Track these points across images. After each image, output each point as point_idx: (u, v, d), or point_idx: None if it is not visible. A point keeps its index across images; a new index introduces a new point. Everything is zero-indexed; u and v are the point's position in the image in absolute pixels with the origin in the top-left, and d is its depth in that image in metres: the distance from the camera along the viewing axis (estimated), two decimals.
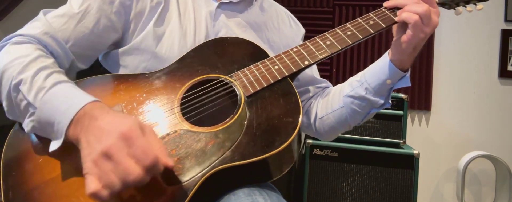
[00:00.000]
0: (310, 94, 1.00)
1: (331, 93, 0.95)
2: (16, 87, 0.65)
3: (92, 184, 0.54)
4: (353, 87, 0.86)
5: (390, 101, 0.84)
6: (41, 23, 0.75)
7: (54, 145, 0.62)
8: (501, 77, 2.48)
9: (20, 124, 0.71)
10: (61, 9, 0.78)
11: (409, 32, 0.73)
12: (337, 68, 2.67)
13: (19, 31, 0.75)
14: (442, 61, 2.56)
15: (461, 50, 2.54)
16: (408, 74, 0.80)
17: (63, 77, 0.68)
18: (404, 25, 0.76)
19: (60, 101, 0.62)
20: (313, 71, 1.02)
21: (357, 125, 0.92)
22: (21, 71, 0.65)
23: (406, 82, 0.81)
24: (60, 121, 0.61)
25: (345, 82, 0.91)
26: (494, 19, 2.47)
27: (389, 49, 0.82)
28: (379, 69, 0.82)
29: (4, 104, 0.68)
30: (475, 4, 0.85)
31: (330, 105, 0.92)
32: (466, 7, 0.86)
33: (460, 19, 2.50)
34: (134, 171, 0.54)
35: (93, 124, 0.58)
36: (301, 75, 0.96)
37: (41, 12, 0.77)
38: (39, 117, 0.63)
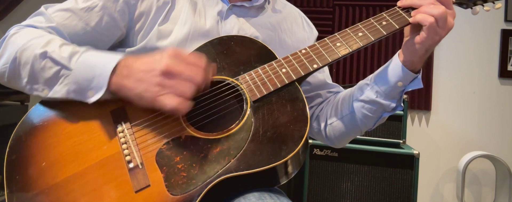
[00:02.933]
0: (321, 99, 0.97)
1: (340, 98, 0.91)
2: (44, 56, 0.68)
3: (170, 100, 0.62)
4: (363, 91, 0.82)
5: (402, 105, 0.81)
6: (44, 17, 0.76)
7: (95, 97, 0.67)
8: (501, 77, 2.48)
9: (22, 124, 0.71)
10: (66, 4, 0.78)
11: (423, 34, 0.70)
12: (337, 69, 2.67)
13: (21, 23, 0.76)
14: (442, 61, 2.56)
15: (461, 50, 2.54)
16: (420, 75, 0.77)
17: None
18: (417, 26, 0.73)
19: (97, 59, 0.68)
20: (325, 75, 0.99)
21: (369, 130, 0.88)
22: (45, 46, 0.69)
23: (418, 84, 0.77)
24: (101, 73, 0.66)
25: (355, 86, 0.87)
26: (494, 19, 2.47)
27: (399, 50, 0.79)
28: (389, 71, 0.78)
29: (26, 81, 0.70)
30: (493, 3, 0.81)
31: (339, 110, 0.88)
32: (483, 6, 0.82)
33: (460, 19, 2.50)
34: (199, 72, 0.64)
35: (135, 67, 0.65)
36: (313, 80, 0.95)
37: (42, 7, 0.77)
38: (76, 77, 0.67)
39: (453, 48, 2.55)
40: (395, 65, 0.78)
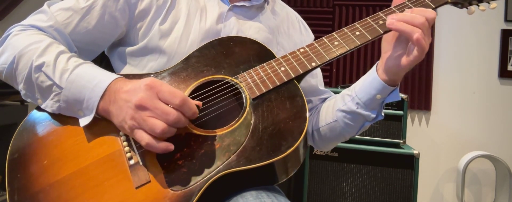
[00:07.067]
0: (311, 105, 0.99)
1: (326, 105, 0.94)
2: (38, 69, 0.68)
3: (143, 136, 0.61)
4: (345, 101, 0.84)
5: (383, 114, 0.82)
6: (46, 16, 0.77)
7: (85, 120, 0.68)
8: (501, 77, 2.48)
9: (24, 123, 0.72)
10: (67, 2, 0.78)
11: (415, 53, 0.69)
12: (337, 68, 2.67)
13: (23, 22, 0.77)
14: (442, 61, 2.56)
15: (461, 50, 2.54)
16: (398, 88, 0.78)
17: (81, 60, 0.72)
18: (397, 45, 0.74)
19: (86, 79, 0.67)
20: (318, 81, 1.00)
21: (352, 137, 0.91)
22: (40, 55, 0.69)
23: (396, 96, 0.78)
24: (90, 97, 0.66)
25: (338, 95, 0.89)
26: (494, 19, 2.47)
27: (378, 65, 0.79)
28: (368, 84, 0.79)
29: (21, 86, 0.71)
30: (489, 3, 0.82)
31: (324, 117, 0.91)
32: (479, 6, 0.83)
33: (460, 19, 2.51)
34: (170, 110, 0.61)
35: (119, 94, 0.65)
36: (305, 86, 0.95)
37: (45, 4, 0.78)
38: (67, 96, 0.68)
39: (453, 48, 2.55)
40: (373, 79, 0.78)
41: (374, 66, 0.80)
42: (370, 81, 0.79)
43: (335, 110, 0.87)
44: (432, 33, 2.52)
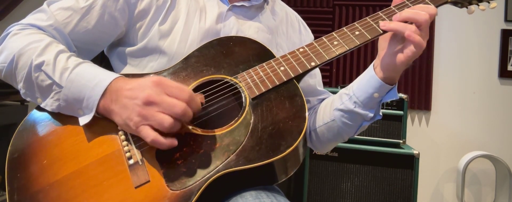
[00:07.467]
0: (310, 105, 0.98)
1: (323, 105, 0.93)
2: (38, 68, 0.68)
3: (147, 132, 0.61)
4: (343, 100, 0.83)
5: (381, 114, 0.82)
6: (45, 15, 0.76)
7: (84, 119, 0.68)
8: (501, 77, 2.48)
9: (24, 123, 0.72)
10: (67, 2, 0.78)
11: (413, 49, 0.69)
12: (337, 68, 2.67)
13: (22, 21, 0.77)
14: (442, 61, 2.56)
15: (461, 50, 2.54)
16: (395, 86, 0.78)
17: (81, 59, 0.72)
18: (394, 39, 0.74)
19: (87, 79, 0.67)
20: (317, 81, 1.00)
21: (351, 137, 0.90)
22: (40, 54, 0.69)
23: (394, 95, 0.78)
24: (90, 96, 0.66)
25: (336, 95, 0.89)
26: (494, 19, 2.47)
27: (375, 63, 0.79)
28: (365, 82, 0.79)
29: (21, 85, 0.71)
30: (488, 2, 0.82)
31: (321, 117, 0.90)
32: (478, 5, 0.83)
33: (460, 19, 2.50)
34: (178, 103, 0.61)
35: (121, 93, 0.65)
36: (303, 86, 0.95)
37: (45, 3, 0.78)
38: (67, 95, 0.68)
39: (453, 48, 2.55)
40: (370, 78, 0.78)
41: (371, 65, 0.80)
42: (368, 79, 0.79)
43: (333, 109, 0.86)
44: (432, 33, 2.53)
